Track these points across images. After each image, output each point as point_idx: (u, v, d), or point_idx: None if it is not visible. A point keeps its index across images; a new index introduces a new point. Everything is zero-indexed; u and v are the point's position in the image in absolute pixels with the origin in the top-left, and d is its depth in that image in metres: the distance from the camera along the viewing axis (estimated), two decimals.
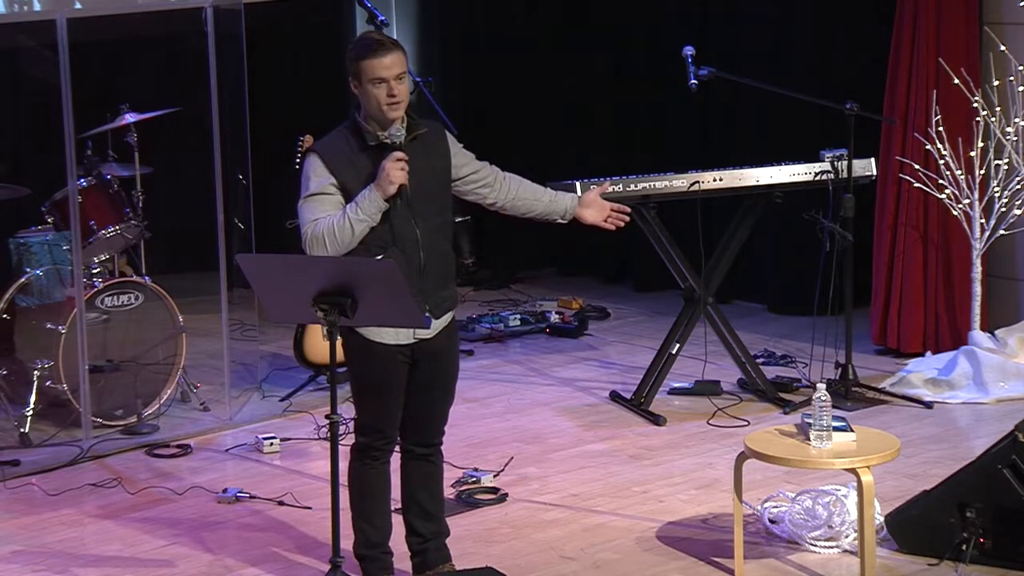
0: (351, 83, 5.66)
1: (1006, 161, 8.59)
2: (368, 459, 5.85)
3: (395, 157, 5.60)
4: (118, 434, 7.92)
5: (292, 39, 11.04)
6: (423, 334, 5.73)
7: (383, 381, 5.74)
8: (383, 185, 5.57)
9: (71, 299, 7.92)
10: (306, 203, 5.64)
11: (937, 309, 8.87)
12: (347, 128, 5.72)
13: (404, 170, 5.60)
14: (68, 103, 7.55)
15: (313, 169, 5.64)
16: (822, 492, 6.47)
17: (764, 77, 8.93)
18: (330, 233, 5.56)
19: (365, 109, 5.66)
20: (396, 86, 5.61)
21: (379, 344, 5.70)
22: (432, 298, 5.73)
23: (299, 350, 8.50)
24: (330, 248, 5.57)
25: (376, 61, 5.59)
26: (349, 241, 5.58)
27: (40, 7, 7.97)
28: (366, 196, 5.58)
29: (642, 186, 8.01)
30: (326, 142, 5.72)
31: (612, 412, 8.24)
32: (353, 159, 5.65)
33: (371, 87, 5.60)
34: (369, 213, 5.57)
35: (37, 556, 6.50)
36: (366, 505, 5.89)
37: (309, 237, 5.59)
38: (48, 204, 8.25)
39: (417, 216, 5.66)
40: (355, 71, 5.63)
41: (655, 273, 9.94)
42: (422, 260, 5.68)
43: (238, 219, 8.59)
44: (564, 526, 6.70)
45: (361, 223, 5.57)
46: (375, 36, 5.71)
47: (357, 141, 5.68)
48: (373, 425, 5.81)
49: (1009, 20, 8.74)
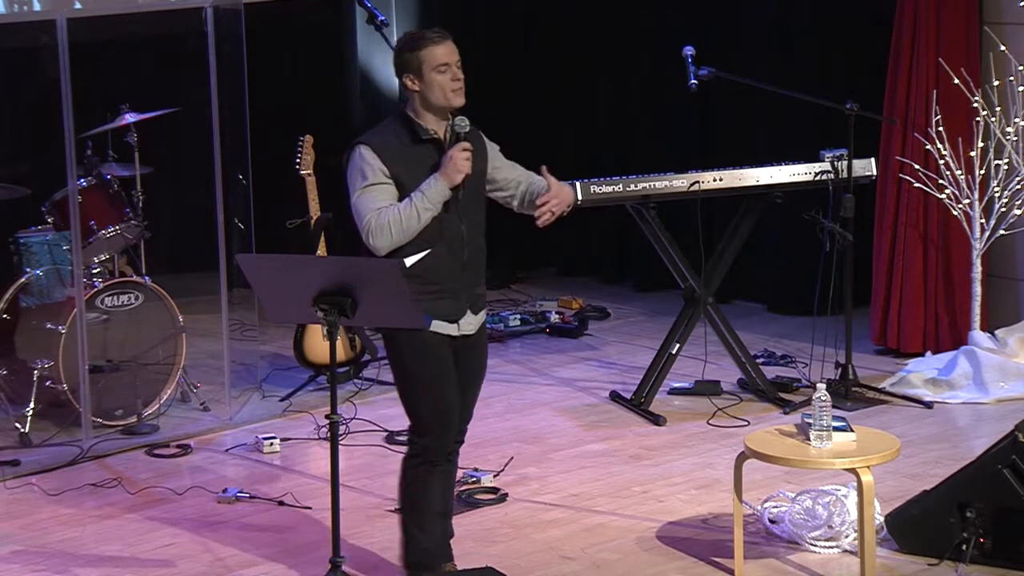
0: (406, 79, 5.64)
1: (1006, 161, 8.59)
2: (430, 463, 5.76)
3: (462, 146, 5.61)
4: (118, 434, 7.92)
5: (292, 39, 11.04)
6: (466, 329, 5.74)
7: (443, 368, 5.71)
8: (450, 174, 5.58)
9: (71, 299, 7.92)
10: (364, 193, 5.59)
11: (937, 309, 8.88)
12: (396, 123, 5.70)
13: (470, 160, 5.62)
14: (68, 103, 7.55)
15: (365, 160, 5.61)
16: (822, 492, 6.47)
17: (764, 77, 8.93)
18: (396, 222, 5.54)
19: (424, 101, 5.64)
20: (459, 72, 5.63)
21: (431, 333, 5.66)
22: (471, 294, 5.76)
23: (299, 350, 8.51)
24: (395, 237, 5.54)
25: (438, 48, 5.61)
26: (414, 230, 5.56)
27: (40, 7, 7.97)
28: (432, 185, 5.57)
29: (642, 186, 8.01)
30: (374, 135, 5.69)
31: (612, 412, 8.24)
32: (404, 152, 5.63)
33: (435, 75, 5.60)
34: (435, 202, 5.57)
35: (37, 556, 6.50)
36: (422, 511, 5.80)
37: (373, 226, 5.54)
38: (48, 204, 8.25)
39: (463, 212, 5.67)
40: (414, 63, 5.62)
41: (655, 273, 9.94)
42: (465, 256, 5.70)
43: (238, 219, 8.59)
44: (564, 526, 6.70)
45: (427, 212, 5.56)
46: (424, 31, 5.71)
47: (408, 135, 5.66)
48: (440, 420, 5.73)
49: (1009, 20, 8.74)
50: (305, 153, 8.56)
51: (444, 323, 5.69)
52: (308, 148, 8.58)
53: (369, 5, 8.61)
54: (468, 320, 5.76)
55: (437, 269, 5.64)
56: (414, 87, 5.65)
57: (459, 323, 5.73)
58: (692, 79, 8.10)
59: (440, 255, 5.64)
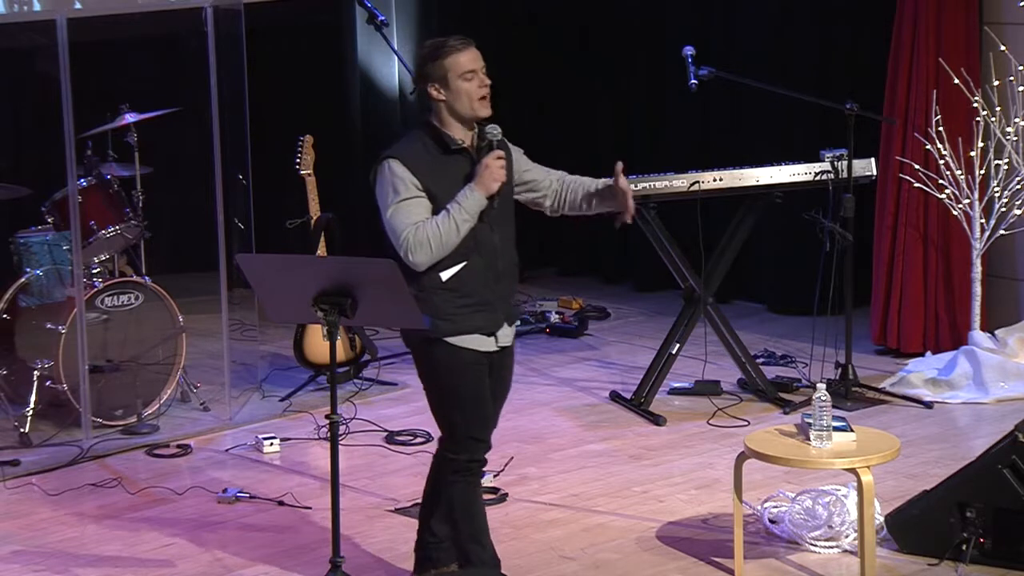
0: (431, 88, 5.54)
1: (1006, 161, 8.59)
2: (471, 475, 5.71)
3: (497, 155, 5.54)
4: (118, 434, 7.92)
5: (292, 39, 11.04)
6: (505, 341, 5.68)
7: (479, 386, 5.64)
8: (487, 183, 5.50)
9: (71, 299, 7.92)
10: (398, 209, 5.48)
11: (937, 309, 8.88)
12: (423, 134, 5.60)
13: (504, 168, 5.55)
14: (68, 103, 7.55)
15: (396, 174, 5.50)
16: (822, 492, 6.47)
17: (764, 77, 8.93)
18: (435, 236, 5.44)
19: (451, 110, 5.56)
20: (485, 78, 5.56)
21: (469, 351, 5.59)
22: (506, 304, 5.69)
23: (299, 350, 8.50)
24: (435, 252, 5.45)
25: (463, 55, 5.53)
26: (454, 243, 5.47)
27: (40, 7, 7.97)
28: (468, 196, 5.48)
29: (642, 186, 8.01)
30: (403, 147, 5.58)
31: (612, 412, 8.24)
32: (434, 164, 5.53)
33: (462, 82, 5.52)
34: (472, 213, 5.48)
35: (37, 556, 6.50)
36: (476, 525, 5.74)
37: (412, 242, 5.44)
38: (48, 204, 8.24)
39: (495, 222, 5.60)
40: (439, 72, 5.52)
41: (655, 273, 9.94)
42: (500, 267, 5.63)
43: (238, 219, 8.59)
44: (564, 526, 6.70)
45: (466, 223, 5.47)
46: (445, 38, 5.60)
47: (437, 146, 5.56)
48: (475, 436, 5.67)
49: (1009, 20, 8.74)
50: (305, 153, 8.56)
51: (481, 338, 5.61)
52: (308, 148, 8.58)
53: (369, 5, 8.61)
54: (505, 332, 5.69)
55: (473, 281, 5.56)
56: (440, 96, 5.55)
57: (496, 335, 5.66)
58: (692, 79, 8.10)
59: (475, 267, 5.55)
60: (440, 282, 5.53)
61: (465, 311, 5.56)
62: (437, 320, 5.54)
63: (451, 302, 5.53)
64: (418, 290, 5.50)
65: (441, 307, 5.54)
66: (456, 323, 5.56)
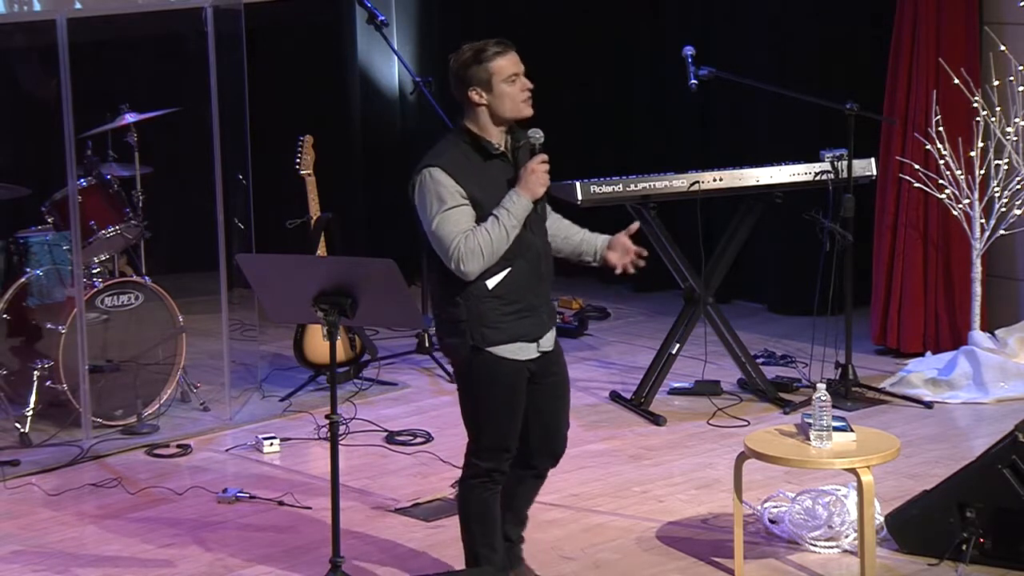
0: (472, 93, 5.49)
1: (1006, 161, 8.59)
2: (493, 483, 5.70)
3: (541, 158, 5.54)
4: (118, 434, 7.92)
5: (292, 39, 11.04)
6: (546, 347, 5.66)
7: (514, 398, 5.61)
8: (533, 188, 5.50)
9: (71, 299, 7.92)
10: (445, 218, 5.43)
11: (937, 309, 8.87)
12: (460, 140, 5.57)
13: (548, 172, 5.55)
14: (68, 103, 7.55)
15: (440, 183, 5.45)
16: (822, 492, 6.47)
17: (764, 77, 8.93)
18: (487, 244, 5.42)
19: (492, 114, 5.52)
20: (527, 81, 5.55)
21: (509, 360, 5.57)
22: (549, 306, 5.70)
23: (299, 350, 8.50)
24: (487, 260, 5.44)
25: (504, 59, 5.51)
26: (503, 250, 5.46)
27: (40, 7, 7.97)
28: (516, 201, 5.47)
29: (642, 186, 8.01)
30: (443, 154, 5.53)
31: (612, 412, 8.24)
32: (476, 170, 5.51)
33: (506, 86, 5.49)
34: (520, 218, 5.48)
35: (37, 556, 6.50)
36: (489, 531, 5.74)
37: (463, 251, 5.41)
38: (48, 204, 8.24)
39: (535, 226, 5.60)
40: (482, 76, 5.49)
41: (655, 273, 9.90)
42: (543, 269, 5.64)
43: (238, 219, 8.59)
44: (564, 526, 6.70)
45: (515, 229, 5.46)
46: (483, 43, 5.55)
47: (477, 152, 5.54)
48: (502, 446, 5.66)
49: (1009, 20, 8.74)
50: (305, 153, 8.56)
51: (523, 346, 5.59)
52: (308, 148, 8.58)
53: (369, 5, 8.61)
54: (547, 338, 5.68)
55: (518, 286, 5.55)
56: (481, 101, 5.51)
57: (539, 341, 5.65)
58: (692, 79, 8.10)
59: (520, 271, 5.54)
60: (487, 290, 5.50)
61: (512, 318, 5.55)
62: (484, 328, 5.51)
63: (498, 309, 5.51)
64: (464, 300, 5.48)
65: (488, 315, 5.52)
66: (504, 331, 5.54)
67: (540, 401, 5.71)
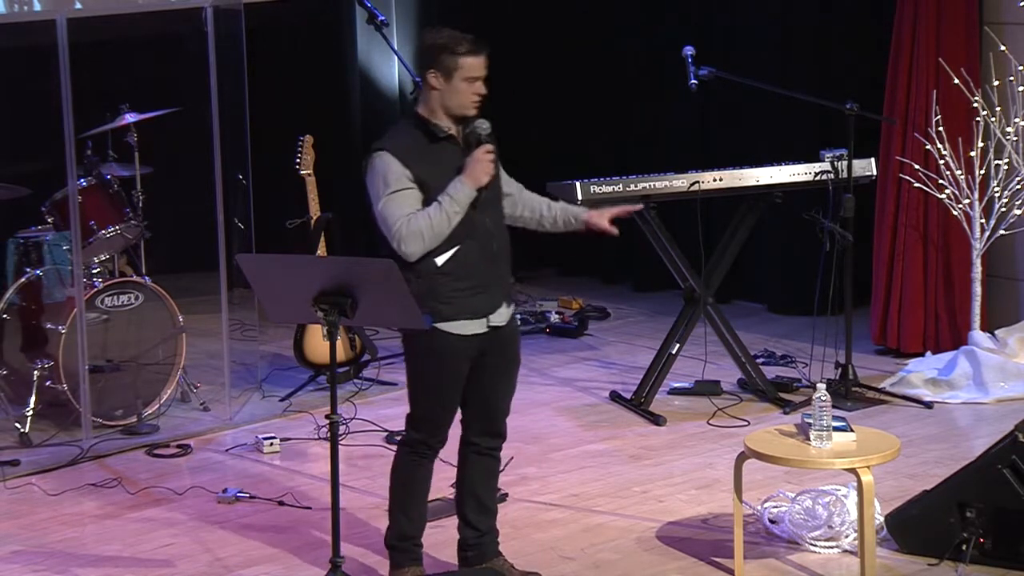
0: (430, 75, 5.68)
1: (1006, 161, 8.60)
2: (418, 455, 5.87)
3: (486, 149, 5.67)
4: (118, 434, 7.92)
5: (292, 39, 11.04)
6: (497, 322, 5.78)
7: (450, 375, 5.76)
8: (477, 176, 5.64)
9: (71, 299, 7.92)
10: (390, 200, 5.62)
11: (937, 309, 8.88)
12: (410, 125, 5.75)
13: (493, 162, 5.68)
14: (68, 103, 7.55)
15: (388, 167, 5.64)
16: (822, 492, 6.47)
17: (764, 77, 8.93)
18: (428, 227, 5.58)
19: (441, 102, 5.69)
20: (482, 87, 5.71)
21: (452, 335, 5.70)
22: (503, 285, 5.81)
23: (299, 350, 8.51)
24: (427, 242, 5.59)
25: (476, 60, 5.69)
26: (445, 233, 5.61)
27: (40, 7, 7.97)
28: (459, 189, 5.63)
29: (642, 186, 8.01)
30: (393, 139, 5.72)
31: (612, 412, 8.24)
32: (424, 153, 5.67)
33: (463, 83, 5.66)
34: (463, 205, 5.62)
35: (37, 556, 6.50)
36: (407, 498, 5.91)
37: (404, 233, 5.58)
38: (48, 204, 8.25)
39: (483, 207, 5.71)
40: (447, 65, 5.66)
41: (655, 273, 9.94)
42: (495, 248, 5.76)
43: (238, 219, 8.59)
44: (564, 526, 6.70)
45: (457, 215, 5.61)
46: (463, 35, 5.76)
47: (425, 135, 5.70)
48: (433, 421, 5.82)
49: (1009, 20, 8.74)
50: (305, 153, 8.56)
51: (470, 321, 5.71)
52: (308, 148, 8.58)
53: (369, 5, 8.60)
54: (499, 313, 5.79)
55: (468, 264, 5.69)
56: (436, 85, 5.69)
57: (489, 316, 5.76)
58: (692, 79, 8.10)
59: (470, 250, 5.68)
60: (436, 267, 5.65)
61: (465, 293, 5.68)
62: (437, 304, 5.65)
63: (449, 285, 5.66)
64: (415, 276, 5.61)
65: (440, 290, 5.66)
66: (455, 306, 5.67)
67: (484, 377, 5.84)
